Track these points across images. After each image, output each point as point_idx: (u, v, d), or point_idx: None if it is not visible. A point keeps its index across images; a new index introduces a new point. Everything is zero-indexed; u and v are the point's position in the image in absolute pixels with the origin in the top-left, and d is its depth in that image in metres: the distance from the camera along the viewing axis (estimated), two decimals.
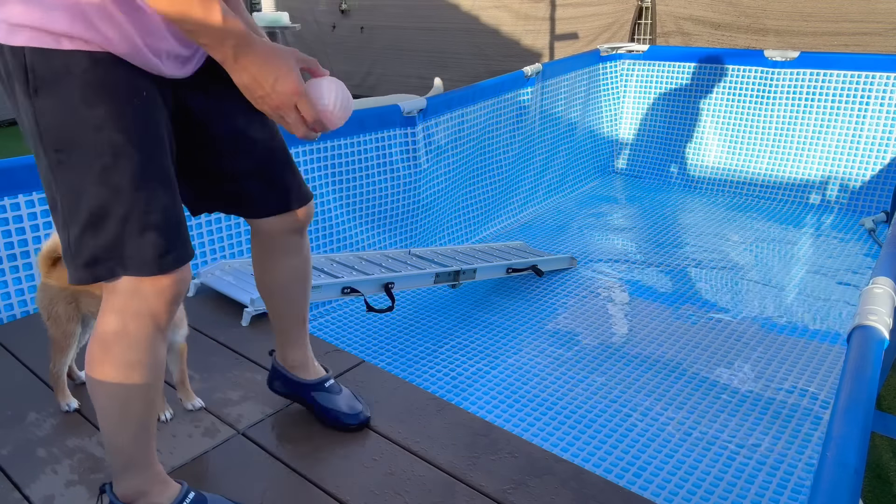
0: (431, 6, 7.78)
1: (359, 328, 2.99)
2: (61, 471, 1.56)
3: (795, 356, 2.70)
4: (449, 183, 3.83)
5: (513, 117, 4.22)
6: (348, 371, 1.94)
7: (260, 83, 1.10)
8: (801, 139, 4.40)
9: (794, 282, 3.35)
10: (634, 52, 5.00)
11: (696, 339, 2.84)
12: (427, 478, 1.53)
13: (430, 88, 4.97)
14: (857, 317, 1.44)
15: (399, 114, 3.42)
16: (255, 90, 1.11)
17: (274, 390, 1.75)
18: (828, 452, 1.05)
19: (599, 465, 2.12)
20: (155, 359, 1.25)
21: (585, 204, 4.55)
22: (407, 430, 1.69)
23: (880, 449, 2.25)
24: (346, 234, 3.34)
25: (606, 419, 2.34)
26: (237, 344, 2.09)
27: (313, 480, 1.53)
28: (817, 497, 0.98)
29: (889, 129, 4.10)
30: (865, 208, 4.17)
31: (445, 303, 3.22)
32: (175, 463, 1.58)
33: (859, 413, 1.13)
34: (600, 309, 3.12)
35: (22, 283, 2.33)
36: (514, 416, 2.36)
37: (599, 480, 1.52)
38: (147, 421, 1.32)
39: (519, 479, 1.51)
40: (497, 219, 4.21)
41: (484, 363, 2.70)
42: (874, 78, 4.11)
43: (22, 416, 1.75)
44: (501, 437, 1.66)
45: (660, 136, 4.96)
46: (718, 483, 2.04)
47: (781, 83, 4.42)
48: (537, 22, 6.99)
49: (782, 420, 2.32)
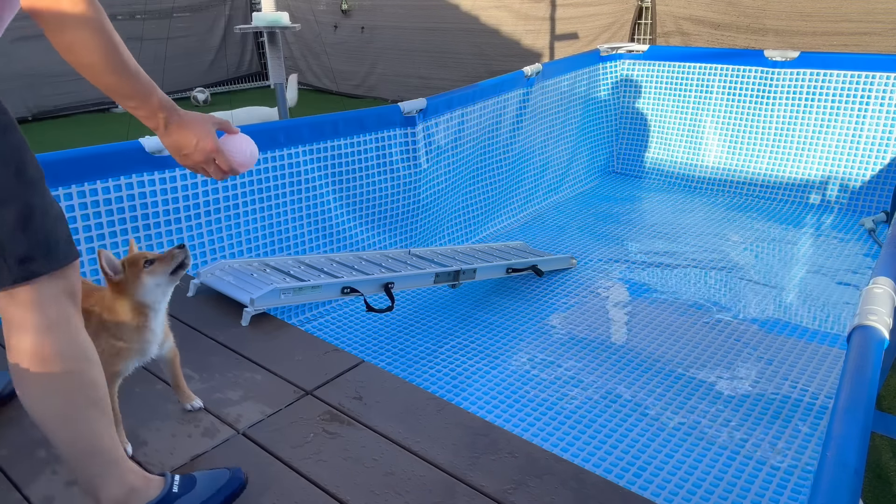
0: (431, 6, 7.78)
1: (359, 328, 2.99)
2: (61, 471, 1.56)
3: (795, 356, 2.70)
4: (449, 183, 3.83)
5: (513, 117, 4.22)
6: (348, 371, 1.94)
7: (184, 145, 1.37)
8: (801, 139, 4.40)
9: (794, 282, 3.35)
10: (634, 52, 5.00)
11: (696, 339, 2.84)
12: (427, 478, 1.53)
13: (429, 88, 4.97)
14: (857, 317, 1.44)
15: (399, 114, 3.42)
16: (181, 150, 1.37)
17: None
18: (828, 452, 1.05)
19: (599, 465, 2.12)
20: (83, 348, 1.23)
21: (585, 204, 4.55)
22: (407, 430, 1.69)
23: (880, 449, 2.25)
24: (346, 234, 3.34)
25: (606, 419, 2.34)
26: (237, 344, 2.09)
27: (313, 480, 1.53)
28: (817, 497, 0.98)
29: (889, 129, 4.10)
30: (865, 208, 4.17)
31: (445, 303, 3.22)
32: (175, 463, 1.58)
33: (859, 413, 1.13)
34: (600, 309, 3.12)
35: None
36: (514, 416, 2.36)
37: (599, 480, 1.52)
38: (105, 406, 1.26)
39: (519, 479, 1.51)
40: (497, 219, 4.21)
41: (484, 363, 2.70)
42: (874, 78, 4.11)
43: (22, 416, 1.75)
44: (501, 437, 1.66)
45: (660, 137, 4.96)
46: (718, 483, 2.04)
47: (781, 83, 4.42)
48: (537, 22, 6.99)
49: (782, 420, 2.32)
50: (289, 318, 3.01)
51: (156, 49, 7.94)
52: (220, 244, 2.89)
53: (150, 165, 2.61)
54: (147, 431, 1.69)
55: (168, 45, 7.97)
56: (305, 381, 1.89)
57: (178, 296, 2.37)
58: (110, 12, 1.20)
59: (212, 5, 9.27)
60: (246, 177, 2.93)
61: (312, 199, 3.18)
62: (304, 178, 3.13)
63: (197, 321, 2.22)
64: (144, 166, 2.59)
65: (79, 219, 2.47)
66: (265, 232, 3.04)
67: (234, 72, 9.67)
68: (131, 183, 2.57)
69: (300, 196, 3.13)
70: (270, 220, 3.05)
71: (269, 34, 4.44)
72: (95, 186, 2.48)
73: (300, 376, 1.92)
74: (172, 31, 8.44)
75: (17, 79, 7.48)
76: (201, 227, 2.82)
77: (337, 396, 1.83)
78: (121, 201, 2.55)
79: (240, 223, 2.94)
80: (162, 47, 7.88)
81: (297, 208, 3.14)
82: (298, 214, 3.15)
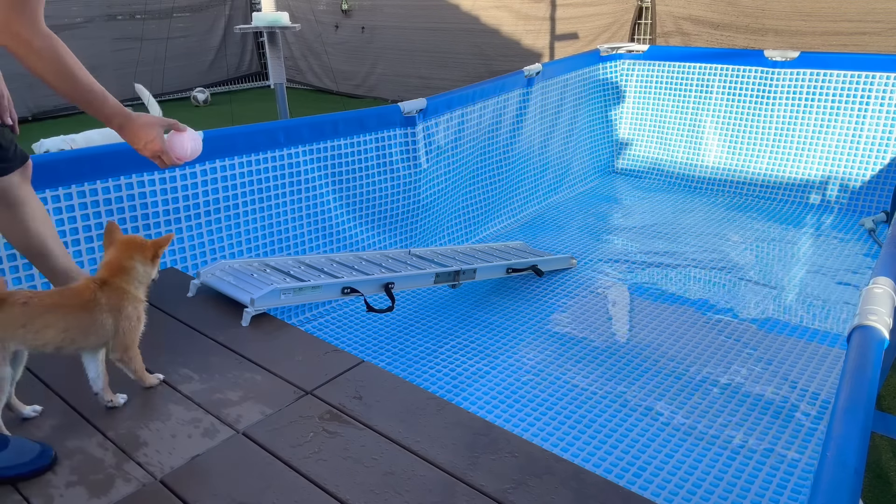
0: (432, 6, 7.79)
1: (359, 328, 2.99)
2: (61, 471, 1.56)
3: (795, 356, 2.70)
4: (449, 183, 3.83)
5: (513, 117, 4.22)
6: (348, 371, 1.94)
7: (136, 144, 1.75)
8: (801, 139, 4.40)
9: (793, 282, 3.35)
10: (634, 52, 5.00)
11: (696, 338, 2.84)
12: (427, 477, 1.53)
13: (430, 88, 4.97)
14: (857, 317, 1.44)
15: (399, 114, 3.43)
16: (135, 146, 1.75)
17: None
18: (828, 452, 1.05)
19: (599, 465, 2.12)
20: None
21: (585, 204, 4.55)
22: (407, 430, 1.69)
23: (880, 449, 2.25)
24: (346, 234, 3.35)
25: (606, 419, 2.34)
26: (237, 344, 2.09)
27: (313, 480, 1.53)
28: (817, 497, 0.98)
29: (889, 129, 4.10)
30: (865, 208, 4.17)
31: (445, 303, 3.22)
32: (175, 463, 1.58)
33: (859, 413, 1.13)
34: (600, 309, 3.12)
35: (22, 284, 2.33)
36: (514, 416, 2.36)
37: (599, 480, 1.52)
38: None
39: (519, 479, 1.51)
40: (497, 219, 4.21)
41: (484, 363, 2.70)
42: (874, 78, 4.11)
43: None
44: (501, 437, 1.66)
45: (660, 136, 4.96)
46: (718, 483, 2.04)
47: (781, 83, 4.42)
48: (537, 22, 6.99)
49: (782, 420, 2.32)
50: (289, 318, 3.01)
51: (156, 49, 7.94)
52: (220, 244, 2.90)
53: (150, 165, 2.61)
54: (147, 431, 1.69)
55: (168, 45, 7.97)
56: (305, 381, 1.89)
57: (178, 296, 2.37)
58: (110, 12, 1.21)
59: (212, 5, 9.27)
60: (246, 177, 2.93)
61: (312, 199, 3.19)
62: (304, 179, 3.13)
63: (197, 321, 2.22)
64: (144, 166, 2.59)
65: (79, 219, 2.47)
66: (265, 232, 3.04)
67: (234, 72, 9.67)
68: (131, 183, 2.57)
69: (300, 196, 3.13)
70: (270, 220, 3.05)
71: (269, 34, 4.44)
72: (95, 186, 2.48)
73: (300, 376, 1.92)
74: (172, 31, 8.44)
75: (17, 79, 7.43)
76: (201, 227, 2.82)
77: (337, 396, 1.83)
78: (121, 201, 2.55)
79: (240, 223, 2.94)
80: (162, 47, 7.88)
81: (298, 208, 3.14)
82: (298, 214, 3.15)
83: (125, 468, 1.56)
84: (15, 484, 1.52)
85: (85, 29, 8.12)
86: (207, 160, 2.78)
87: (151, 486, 1.50)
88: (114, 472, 1.54)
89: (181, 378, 1.91)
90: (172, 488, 1.50)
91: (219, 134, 2.83)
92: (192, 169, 2.75)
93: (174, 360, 2.00)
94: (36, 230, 1.98)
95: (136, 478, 1.53)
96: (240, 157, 2.89)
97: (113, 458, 1.59)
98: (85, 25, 8.12)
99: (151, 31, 8.10)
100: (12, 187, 1.92)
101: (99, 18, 8.24)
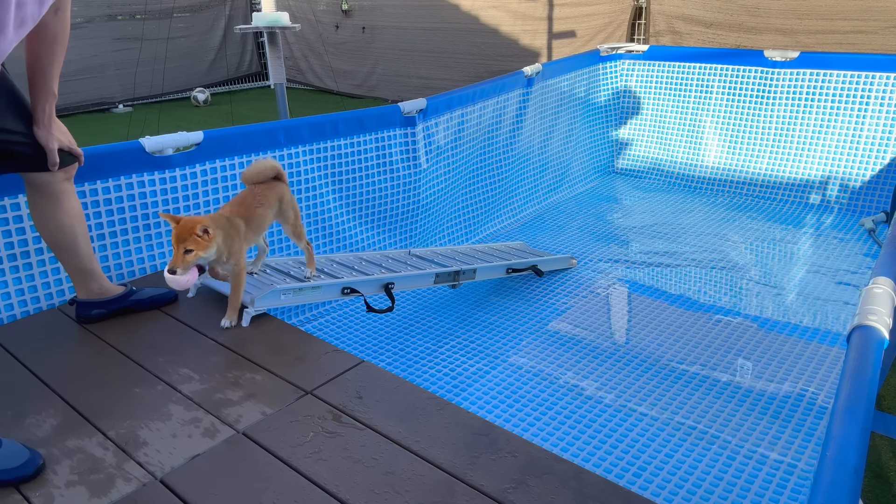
0: (431, 6, 7.79)
1: (359, 328, 2.99)
2: (61, 471, 1.56)
3: (795, 356, 2.70)
4: (449, 183, 3.83)
5: (513, 117, 4.22)
6: (348, 371, 1.94)
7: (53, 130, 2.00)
8: (801, 139, 4.40)
9: (793, 282, 3.35)
10: (634, 52, 5.00)
11: (696, 338, 2.84)
12: (427, 477, 1.53)
13: (430, 88, 4.97)
14: (857, 317, 1.44)
15: (399, 114, 3.43)
16: (49, 134, 1.98)
17: (93, 317, 2.19)
18: (828, 452, 1.05)
19: (599, 465, 2.12)
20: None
21: (585, 204, 4.55)
22: (407, 430, 1.69)
23: (880, 449, 2.25)
24: (346, 234, 3.35)
25: (606, 419, 2.34)
26: (237, 344, 2.09)
27: (313, 480, 1.53)
28: (817, 497, 0.98)
29: (889, 129, 4.10)
30: (865, 208, 4.17)
31: (445, 303, 3.22)
32: (175, 463, 1.59)
33: (859, 413, 1.13)
34: (600, 309, 3.12)
35: (22, 283, 2.33)
36: (514, 416, 2.36)
37: (599, 480, 1.52)
38: None
39: (519, 479, 1.52)
40: (497, 219, 4.21)
41: (484, 363, 2.70)
42: (874, 78, 4.12)
43: (22, 416, 1.75)
44: (501, 437, 1.66)
45: (660, 137, 4.96)
46: (718, 483, 2.04)
47: (781, 83, 4.42)
48: (535, 21, 7.00)
49: (782, 420, 2.32)
50: (289, 318, 3.01)
51: (156, 49, 7.95)
52: None
53: (150, 165, 2.61)
54: (147, 431, 1.69)
55: (168, 45, 7.97)
56: (305, 381, 1.89)
57: (178, 296, 2.37)
58: (110, 12, 1.21)
59: (212, 5, 9.28)
60: None
61: (312, 199, 3.19)
62: (304, 178, 3.13)
63: (197, 321, 2.22)
64: (144, 166, 2.60)
65: None
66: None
67: (234, 72, 9.67)
68: (131, 183, 2.57)
69: (300, 196, 3.13)
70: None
71: (269, 34, 4.44)
72: (95, 186, 2.48)
73: (300, 376, 1.92)
74: (172, 31, 8.45)
75: (18, 79, 7.47)
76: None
77: (337, 396, 1.83)
78: (121, 201, 2.55)
79: None
80: (162, 47, 7.88)
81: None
82: None
83: (125, 468, 1.56)
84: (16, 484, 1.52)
85: (85, 29, 8.12)
86: (207, 160, 2.79)
87: (151, 485, 1.50)
88: (114, 472, 1.54)
89: (181, 378, 1.91)
90: (172, 488, 1.50)
91: (219, 134, 2.83)
92: (193, 169, 2.75)
93: (174, 360, 2.00)
94: (70, 225, 2.08)
95: (136, 477, 1.53)
96: (240, 157, 2.89)
97: (113, 457, 1.59)
98: (85, 25, 8.13)
99: (151, 31, 8.10)
100: (56, 181, 2.03)
101: (99, 18, 8.25)
